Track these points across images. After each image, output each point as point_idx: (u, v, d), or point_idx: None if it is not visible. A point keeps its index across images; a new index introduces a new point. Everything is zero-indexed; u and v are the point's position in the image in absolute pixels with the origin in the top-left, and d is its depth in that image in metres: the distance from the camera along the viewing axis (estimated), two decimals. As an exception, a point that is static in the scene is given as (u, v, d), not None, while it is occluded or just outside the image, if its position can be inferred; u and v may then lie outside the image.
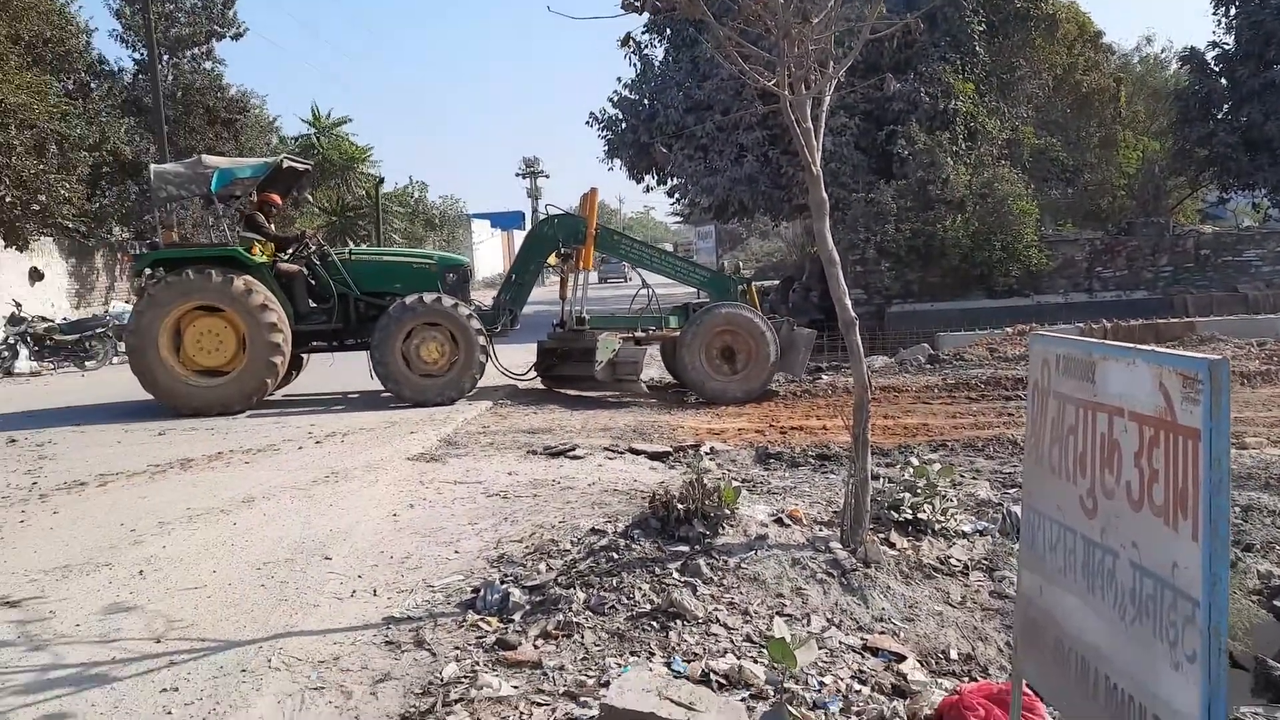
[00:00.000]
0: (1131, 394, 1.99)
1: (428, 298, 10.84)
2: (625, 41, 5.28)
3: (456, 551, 5.18)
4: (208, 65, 26.15)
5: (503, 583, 4.48)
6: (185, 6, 25.57)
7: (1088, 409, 2.21)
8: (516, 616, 4.13)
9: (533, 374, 12.24)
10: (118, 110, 23.45)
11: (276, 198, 12.21)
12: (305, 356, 12.07)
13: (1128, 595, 2.01)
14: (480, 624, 4.09)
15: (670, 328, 11.88)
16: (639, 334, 11.91)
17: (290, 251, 11.63)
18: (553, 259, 12.70)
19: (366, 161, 36.33)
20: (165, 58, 24.66)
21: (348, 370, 12.21)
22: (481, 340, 10.91)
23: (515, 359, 11.97)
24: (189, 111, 25.09)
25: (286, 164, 11.88)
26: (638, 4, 4.34)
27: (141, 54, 24.43)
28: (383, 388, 10.97)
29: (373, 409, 10.58)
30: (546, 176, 66.28)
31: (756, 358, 11.34)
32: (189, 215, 24.16)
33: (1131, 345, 2.04)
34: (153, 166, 11.76)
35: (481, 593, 4.36)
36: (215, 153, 25.90)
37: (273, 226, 11.98)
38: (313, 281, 11.38)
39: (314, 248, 11.63)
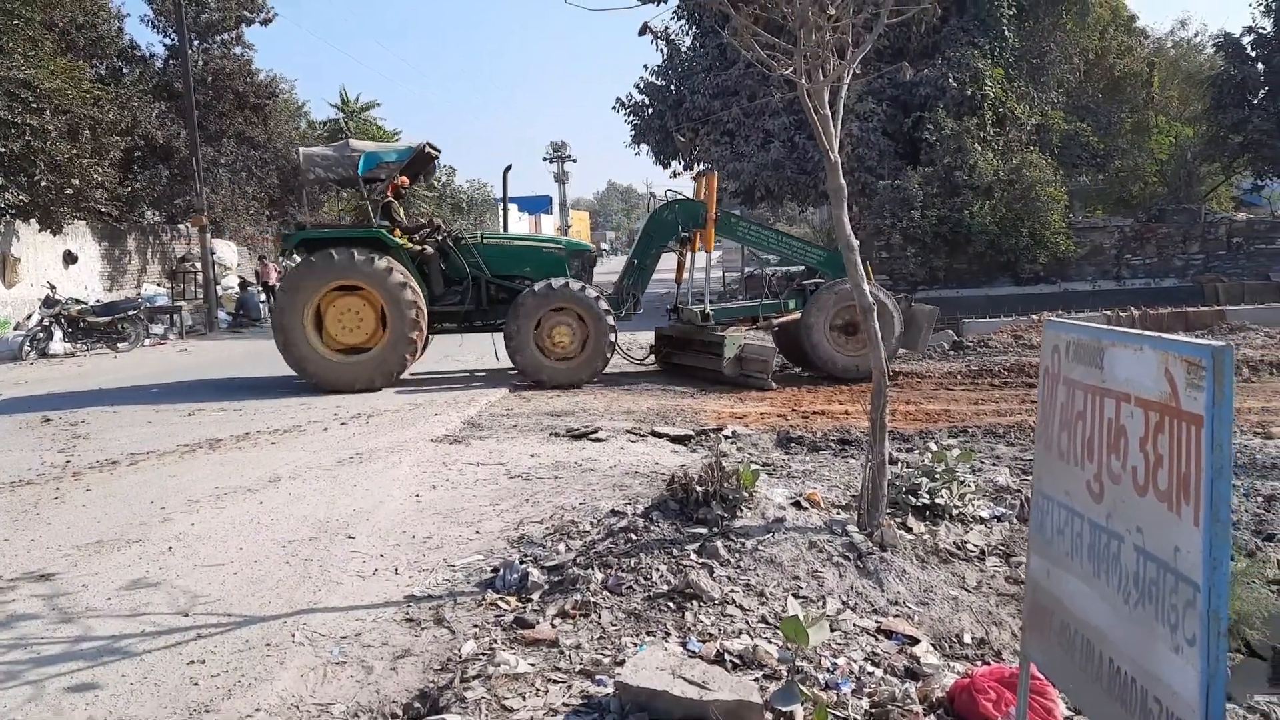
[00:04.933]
0: (1138, 380, 2.01)
1: (563, 283, 11.11)
2: (643, 31, 5.33)
3: (477, 532, 5.26)
4: (237, 50, 26.28)
5: (522, 563, 4.54)
6: (215, -8, 25.73)
7: (1096, 394, 2.22)
8: (535, 596, 4.19)
9: (651, 359, 12.53)
10: (149, 95, 23.65)
11: (406, 180, 12.52)
12: (430, 337, 12.32)
13: (1131, 579, 2.03)
14: (499, 603, 4.17)
15: (790, 310, 11.98)
16: (761, 321, 12.02)
17: (424, 235, 11.95)
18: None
19: (303, 146, 36.45)
20: (195, 43, 24.82)
21: (466, 349, 12.91)
22: (611, 326, 11.13)
23: (630, 343, 12.28)
24: (219, 96, 25.27)
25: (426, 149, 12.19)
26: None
27: (172, 39, 24.62)
28: (511, 367, 11.29)
29: (397, 391, 10.68)
30: (574, 161, 66.34)
31: (882, 334, 11.40)
32: (218, 198, 24.42)
33: (1139, 331, 2.06)
34: (301, 149, 12.07)
35: (501, 572, 4.44)
36: (244, 137, 26.22)
37: (403, 211, 12.27)
38: (443, 265, 11.68)
39: (447, 233, 11.99)
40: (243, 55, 26.38)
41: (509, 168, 13.87)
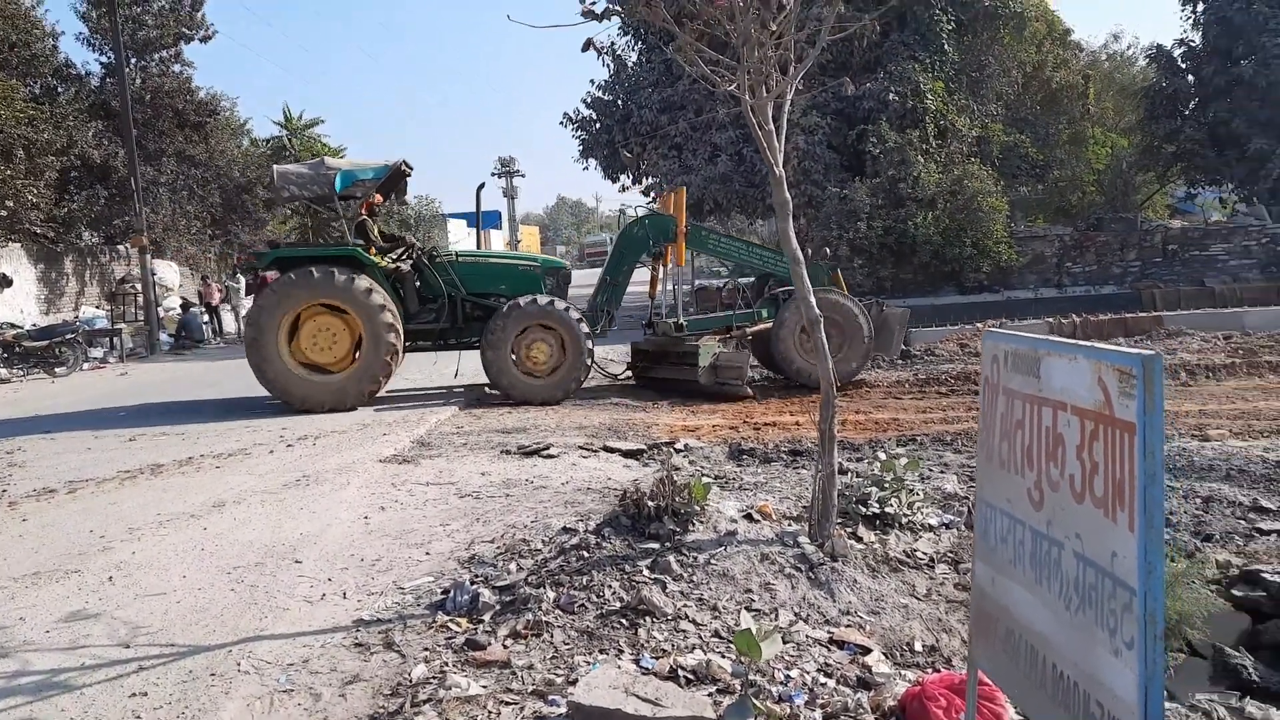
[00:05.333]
0: (1073, 388, 2.05)
1: (541, 300, 11.10)
2: (586, 47, 5.30)
3: (427, 553, 5.20)
4: (176, 68, 25.90)
5: (473, 583, 4.50)
6: (153, 9, 25.32)
7: (1034, 403, 2.26)
8: (486, 617, 4.15)
9: (628, 374, 12.58)
10: (85, 114, 23.18)
11: (380, 198, 12.44)
12: (404, 355, 12.20)
13: (1072, 585, 2.06)
14: (450, 625, 4.12)
15: (764, 320, 12.10)
16: (734, 331, 12.12)
17: (398, 254, 11.87)
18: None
19: (276, 165, 36.15)
20: (133, 61, 24.40)
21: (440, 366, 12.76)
22: (589, 343, 11.13)
23: (602, 359, 12.30)
24: (158, 115, 24.86)
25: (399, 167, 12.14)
26: (597, 12, 4.35)
27: (109, 57, 24.16)
28: (479, 383, 11.33)
29: (342, 412, 10.53)
30: (523, 176, 66.24)
31: (852, 341, 11.65)
32: (161, 218, 23.98)
33: (1074, 341, 2.10)
34: (275, 167, 11.90)
35: (451, 594, 4.39)
36: (184, 156, 25.82)
37: (378, 229, 12.16)
38: (417, 283, 11.61)
39: (421, 250, 11.92)
40: (182, 73, 26.02)
41: (483, 185, 13.86)
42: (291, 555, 5.26)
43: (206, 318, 23.75)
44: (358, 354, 10.71)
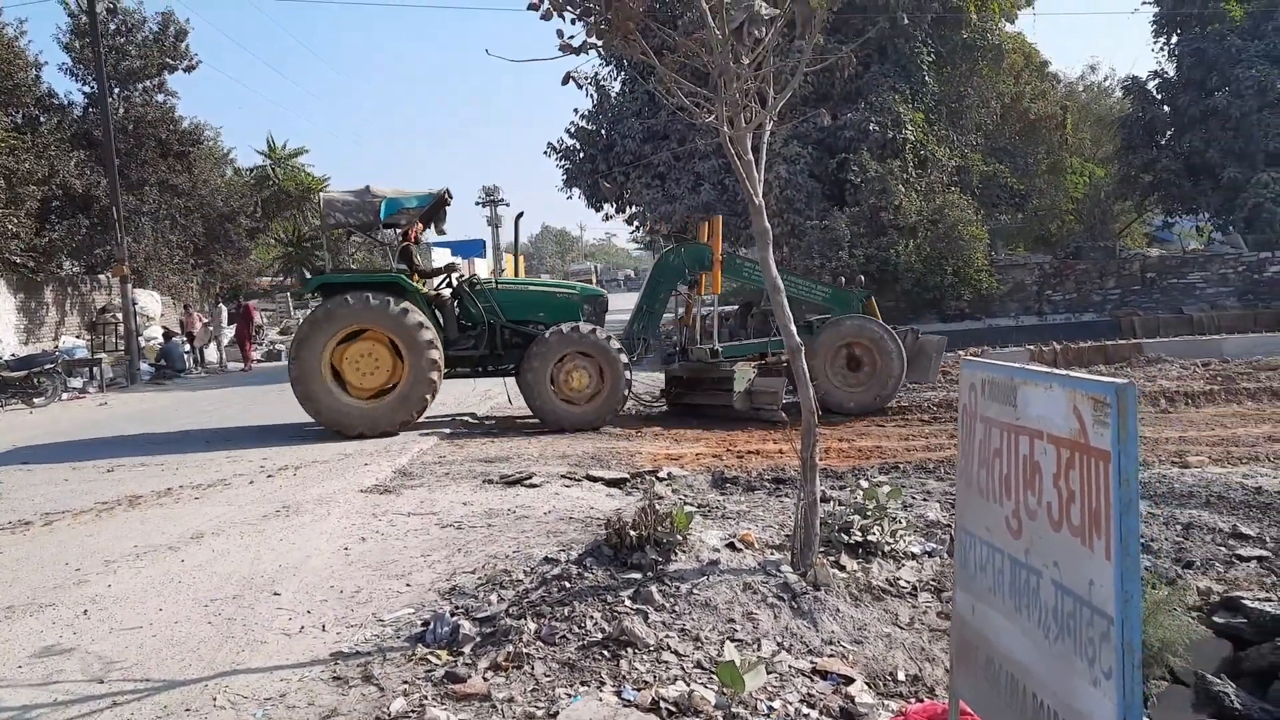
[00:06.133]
0: (1049, 417, 2.05)
1: (580, 328, 11.19)
2: (566, 80, 5.34)
3: (408, 584, 5.15)
4: (159, 98, 25.88)
5: (453, 615, 4.46)
6: (136, 39, 25.32)
7: (1011, 432, 2.27)
8: (466, 649, 4.11)
9: (662, 402, 12.68)
10: (67, 144, 23.10)
11: (421, 226, 12.57)
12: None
13: (1051, 614, 2.06)
14: (429, 657, 4.07)
15: None
16: (770, 358, 12.26)
17: (440, 280, 12.04)
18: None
19: (323, 192, 36.15)
20: (116, 91, 24.38)
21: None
22: (627, 371, 11.21)
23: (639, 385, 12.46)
24: (140, 145, 24.81)
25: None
26: (574, 45, 4.39)
27: (92, 87, 24.11)
28: (529, 411, 11.40)
29: (326, 441, 10.47)
30: (507, 205, 66.44)
31: (883, 367, 11.74)
32: (141, 248, 23.89)
33: (1049, 370, 2.11)
34: (323, 195, 12.03)
35: (431, 625, 4.34)
36: (167, 185, 25.76)
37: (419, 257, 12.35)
38: (457, 310, 11.73)
39: (461, 277, 12.07)
40: (165, 102, 25.98)
41: (521, 215, 14.10)
42: (270, 587, 5.20)
43: (188, 347, 23.61)
44: (397, 380, 10.77)
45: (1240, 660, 4.50)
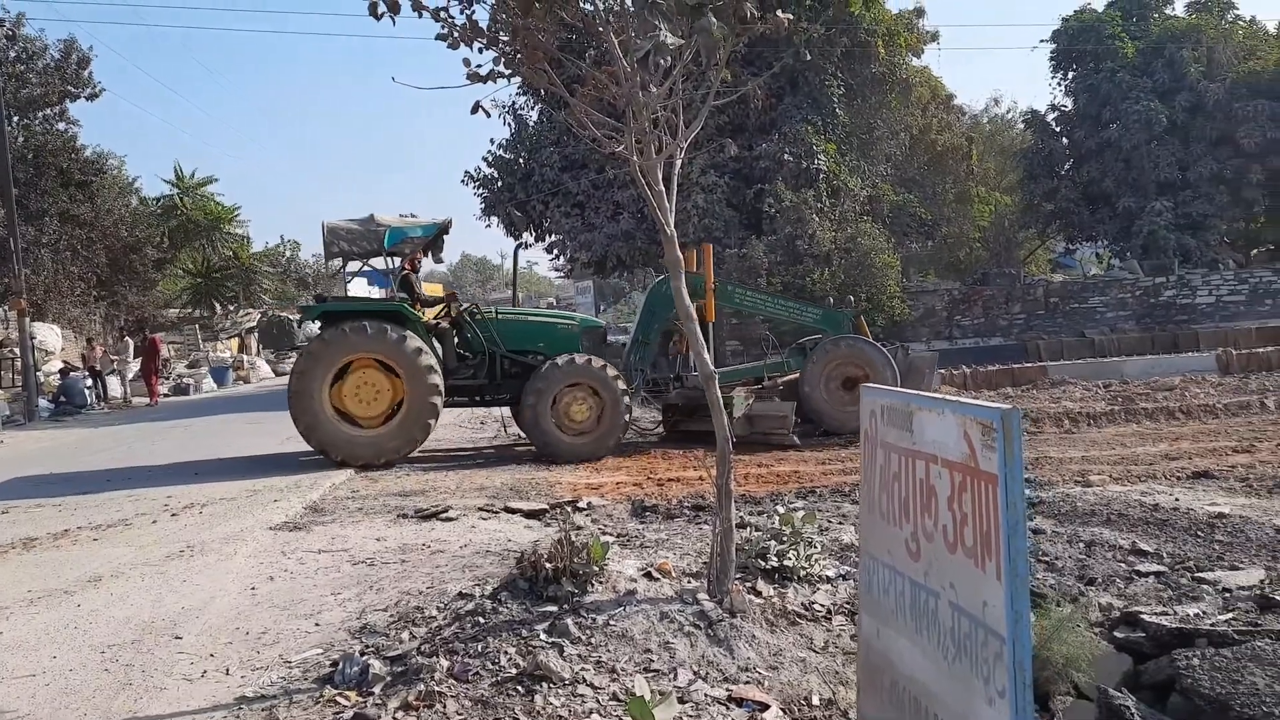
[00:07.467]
0: (943, 442, 2.10)
1: (580, 359, 11.16)
2: (475, 110, 5.35)
3: (317, 624, 5.01)
4: (61, 126, 25.10)
5: (363, 654, 4.35)
6: (37, 67, 24.55)
7: (909, 456, 2.32)
8: (377, 689, 4.00)
9: (661, 430, 12.70)
10: (-38, 173, 22.23)
11: (420, 255, 12.50)
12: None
13: (949, 635, 2.10)
14: (338, 699, 3.96)
15: (793, 370, 12.41)
16: (766, 382, 12.34)
17: (439, 309, 12.00)
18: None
19: (233, 221, 35.34)
20: (15, 119, 23.57)
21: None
22: (626, 402, 11.20)
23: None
24: (40, 174, 24.00)
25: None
26: (481, 75, 4.39)
27: (-11, 115, 23.32)
28: (528, 441, 11.49)
29: (235, 478, 10.16)
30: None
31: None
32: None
33: (941, 396, 2.16)
34: (325, 223, 11.70)
35: (340, 666, 4.23)
36: (69, 215, 24.91)
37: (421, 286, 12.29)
38: (456, 339, 11.69)
39: (462, 307, 12.05)
40: (67, 131, 25.19)
41: (519, 245, 14.03)
42: (171, 631, 5.01)
43: (89, 382, 22.73)
44: (396, 411, 10.72)
45: (1140, 674, 4.63)
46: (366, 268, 12.52)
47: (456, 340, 11.74)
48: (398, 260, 12.17)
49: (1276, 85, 25.58)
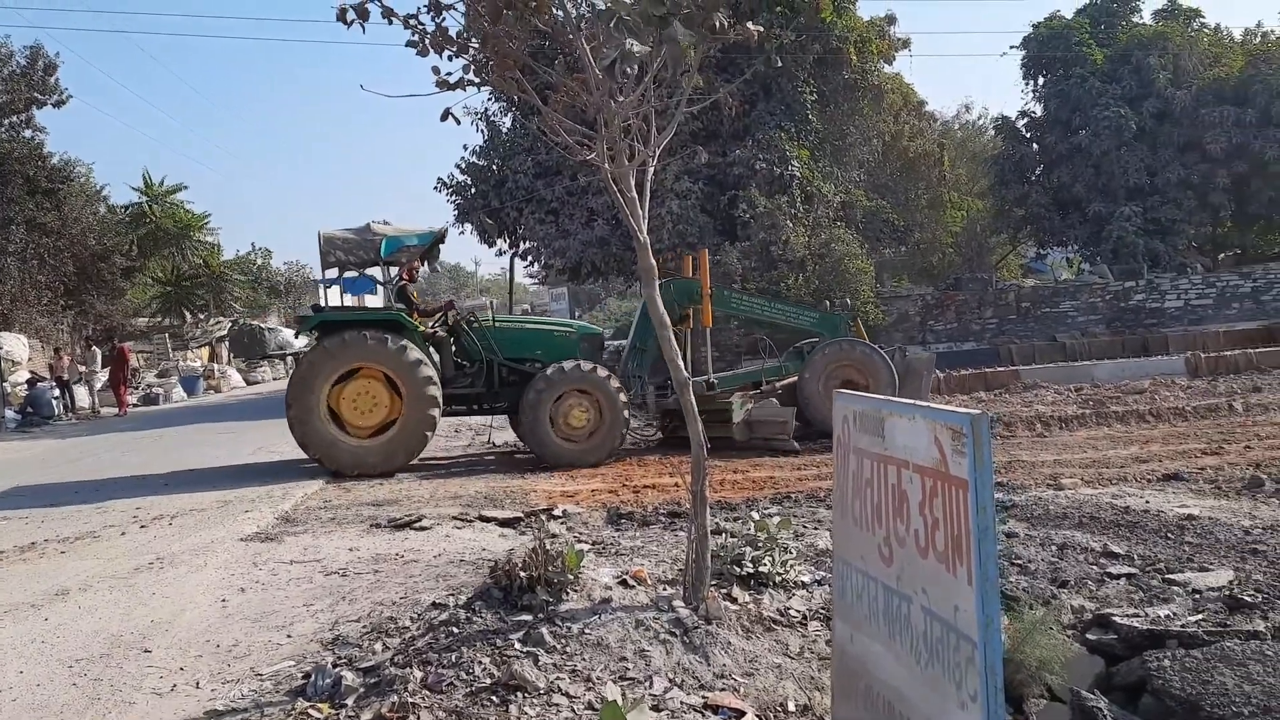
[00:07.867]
0: (914, 447, 2.11)
1: (579, 365, 11.17)
2: (445, 117, 5.31)
3: (289, 636, 4.95)
4: (27, 133, 24.76)
5: (335, 666, 4.30)
6: (2, 74, 24.23)
7: (881, 462, 2.32)
8: (349, 700, 3.96)
9: (659, 436, 12.75)
10: (-74, 181, 21.95)
11: (417, 264, 12.51)
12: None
13: (921, 639, 2.10)
14: (310, 711, 3.91)
15: (791, 374, 12.46)
16: (764, 386, 12.40)
17: (437, 318, 11.95)
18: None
19: (203, 229, 35.00)
20: (-21, 126, 23.31)
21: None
22: (625, 406, 11.19)
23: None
24: (6, 181, 23.67)
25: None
26: (450, 82, 4.37)
27: (-47, 122, 23.02)
28: (526, 449, 11.54)
29: (205, 488, 10.05)
30: (398, 241, 65.62)
31: (875, 389, 11.81)
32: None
33: (912, 401, 2.17)
34: (322, 232, 11.69)
35: (312, 678, 4.18)
36: (36, 224, 24.58)
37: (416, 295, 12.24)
38: (454, 347, 11.69)
39: (460, 315, 12.03)
40: (33, 138, 24.87)
41: (515, 255, 13.96)
42: (140, 644, 4.94)
43: (57, 392, 22.42)
44: (395, 419, 10.71)
45: (1112, 675, 4.67)
46: (347, 276, 12.39)
47: (454, 348, 11.73)
48: (394, 270, 12.15)
49: (1241, 92, 26.00)
